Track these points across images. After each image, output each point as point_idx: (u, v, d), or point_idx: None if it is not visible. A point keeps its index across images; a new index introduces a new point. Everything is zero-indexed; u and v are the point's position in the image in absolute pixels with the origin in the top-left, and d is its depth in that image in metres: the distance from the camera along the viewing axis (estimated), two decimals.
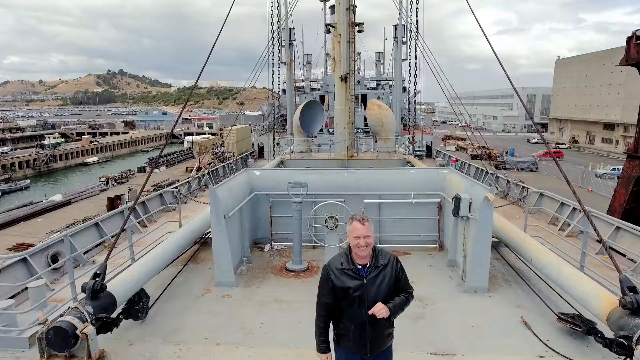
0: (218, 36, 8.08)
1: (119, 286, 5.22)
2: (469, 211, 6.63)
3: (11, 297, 7.03)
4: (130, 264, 7.23)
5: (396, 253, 8.18)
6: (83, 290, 4.63)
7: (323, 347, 3.51)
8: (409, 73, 28.74)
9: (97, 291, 4.60)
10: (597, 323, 4.99)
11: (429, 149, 38.01)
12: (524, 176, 52.41)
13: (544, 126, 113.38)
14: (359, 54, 46.43)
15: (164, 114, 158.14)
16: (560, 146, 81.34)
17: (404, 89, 40.43)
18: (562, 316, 5.50)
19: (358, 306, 3.34)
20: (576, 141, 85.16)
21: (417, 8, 28.53)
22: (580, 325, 5.17)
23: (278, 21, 25.81)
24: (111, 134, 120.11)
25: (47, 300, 9.20)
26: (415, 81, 25.75)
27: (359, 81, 39.40)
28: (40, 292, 8.98)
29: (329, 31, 17.49)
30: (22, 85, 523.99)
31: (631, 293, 4.26)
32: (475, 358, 4.91)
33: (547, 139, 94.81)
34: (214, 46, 7.85)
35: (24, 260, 10.31)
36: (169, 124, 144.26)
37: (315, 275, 7.10)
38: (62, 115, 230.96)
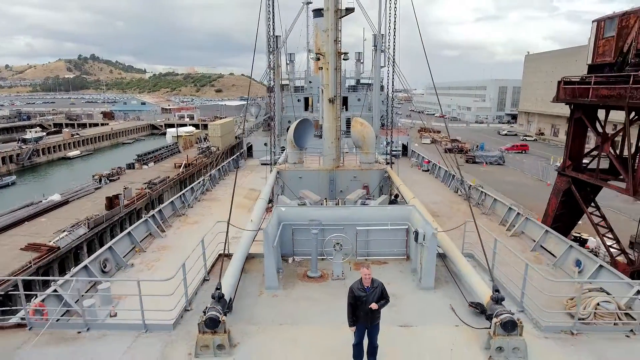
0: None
1: (225, 293, 8.13)
2: (423, 239, 9.78)
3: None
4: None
5: (378, 262, 11.43)
6: (213, 297, 7.66)
7: (351, 322, 7.00)
8: (387, 74, 31.13)
9: (220, 297, 7.55)
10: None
11: (405, 148, 41.38)
12: (492, 169, 56.75)
13: (514, 117, 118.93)
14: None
15: (143, 103, 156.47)
16: (528, 138, 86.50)
17: (382, 88, 43.29)
18: (470, 303, 9.09)
19: (365, 304, 6.79)
20: (542, 133, 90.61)
21: (394, 24, 31.02)
22: (479, 308, 8.68)
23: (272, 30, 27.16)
24: (90, 125, 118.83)
25: (111, 297, 12.13)
26: (392, 90, 28.40)
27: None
28: (108, 291, 11.92)
29: (317, 59, 19.89)
30: None
31: (496, 292, 7.93)
32: (423, 327, 8.19)
33: (516, 131, 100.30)
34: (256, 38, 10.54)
35: (86, 267, 13.10)
36: (148, 114, 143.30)
37: (327, 280, 10.34)
38: (33, 103, 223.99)
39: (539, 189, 43.41)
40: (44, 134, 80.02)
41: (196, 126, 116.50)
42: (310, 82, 48.74)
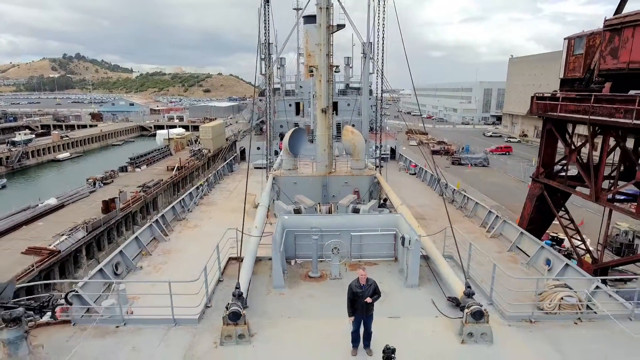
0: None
1: (244, 291, 9.34)
2: (409, 244, 11.12)
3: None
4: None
5: (369, 263, 12.76)
6: (234, 295, 8.88)
7: (350, 313, 8.37)
8: (376, 82, 32.31)
9: (239, 295, 8.77)
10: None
11: (393, 151, 42.86)
12: (477, 171, 58.67)
13: (499, 118, 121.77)
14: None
15: (131, 104, 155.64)
16: (511, 140, 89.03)
17: (371, 92, 44.65)
18: (448, 298, 10.55)
19: (361, 299, 8.18)
20: (525, 135, 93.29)
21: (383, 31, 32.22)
22: (455, 302, 10.09)
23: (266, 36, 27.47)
24: (78, 126, 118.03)
25: (127, 297, 13.27)
26: (381, 100, 29.58)
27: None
28: (124, 292, 13.06)
29: (311, 72, 21.09)
30: None
31: (468, 288, 9.37)
32: (408, 318, 9.58)
33: (501, 132, 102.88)
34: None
35: (101, 270, 14.19)
36: (136, 115, 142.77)
37: (326, 280, 11.67)
38: (18, 104, 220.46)
39: (520, 189, 45.29)
40: (33, 136, 79.78)
41: (186, 127, 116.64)
42: (301, 86, 49.92)
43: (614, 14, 15.91)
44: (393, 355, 6.09)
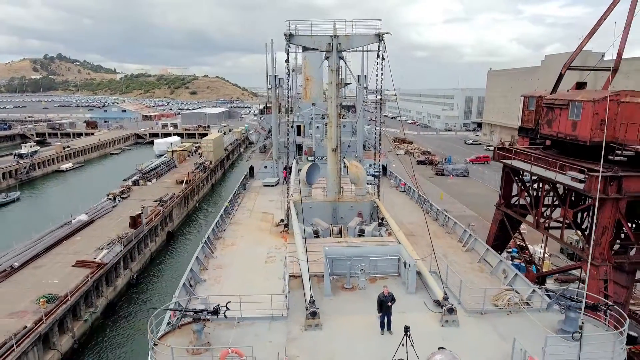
0: None
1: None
2: (408, 266, 16.52)
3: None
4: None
5: (382, 278, 18.27)
6: (310, 301, 14.21)
7: (378, 310, 14.10)
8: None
9: (313, 301, 14.07)
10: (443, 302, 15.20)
11: (384, 168, 48.51)
12: (458, 181, 64.87)
13: (480, 125, 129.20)
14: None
15: (124, 111, 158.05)
16: (490, 148, 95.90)
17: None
18: (434, 300, 15.85)
19: (385, 303, 13.61)
20: (503, 143, 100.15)
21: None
22: (437, 303, 15.46)
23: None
24: (74, 134, 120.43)
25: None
26: (380, 134, 34.78)
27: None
28: (207, 299, 18.12)
29: (324, 118, 26.02)
30: None
31: (445, 294, 14.85)
32: (410, 314, 14.95)
33: (480, 140, 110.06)
34: None
35: (184, 284, 19.14)
36: (129, 121, 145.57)
37: (356, 290, 16.84)
38: (4, 108, 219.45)
39: (495, 200, 51.44)
40: (38, 147, 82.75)
41: (180, 135, 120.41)
42: (299, 107, 55.09)
43: (551, 92, 21.68)
44: (408, 331, 11.30)
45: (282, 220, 28.07)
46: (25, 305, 26.19)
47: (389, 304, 13.47)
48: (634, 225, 20.95)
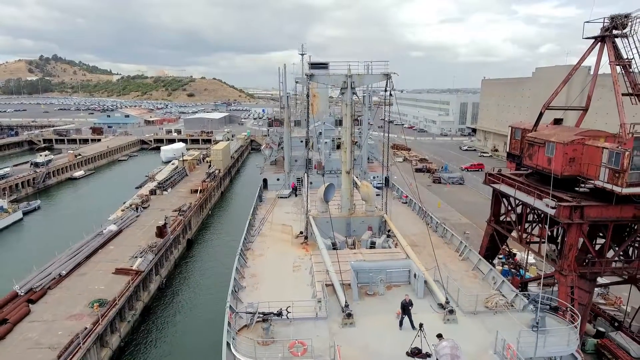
0: None
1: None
2: (417, 277, 20.69)
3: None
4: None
5: (396, 286, 22.56)
6: (346, 305, 18.36)
7: (401, 311, 17.97)
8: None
9: (347, 305, 18.28)
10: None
11: (387, 180, 52.75)
12: (454, 189, 69.19)
13: (474, 130, 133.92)
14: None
15: (127, 116, 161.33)
16: (484, 155, 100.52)
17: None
18: (438, 303, 20.00)
19: (406, 306, 17.82)
20: (497, 150, 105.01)
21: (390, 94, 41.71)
22: (441, 305, 19.66)
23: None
24: (80, 141, 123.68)
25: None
26: (388, 159, 38.66)
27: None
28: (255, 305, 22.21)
29: (338, 146, 29.89)
30: None
31: (446, 299, 19.07)
32: (421, 314, 19.05)
33: (475, 146, 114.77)
34: None
35: (232, 291, 23.12)
36: (133, 127, 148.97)
37: (376, 296, 20.87)
38: (5, 111, 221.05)
39: (489, 208, 55.83)
40: (52, 156, 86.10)
41: (184, 141, 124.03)
42: (307, 120, 59.08)
43: (533, 127, 25.98)
44: (422, 327, 15.40)
45: (301, 233, 32.11)
46: (80, 309, 30.08)
47: (410, 307, 17.62)
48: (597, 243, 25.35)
